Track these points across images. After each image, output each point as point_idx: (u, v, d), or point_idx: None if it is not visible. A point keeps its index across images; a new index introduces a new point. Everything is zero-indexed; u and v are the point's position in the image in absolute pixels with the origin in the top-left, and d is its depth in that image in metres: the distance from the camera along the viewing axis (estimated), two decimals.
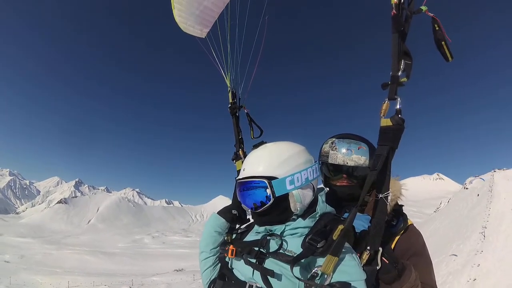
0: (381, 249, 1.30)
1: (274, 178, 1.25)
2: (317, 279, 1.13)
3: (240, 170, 1.70)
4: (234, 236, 1.52)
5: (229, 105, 2.16)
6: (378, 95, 1.34)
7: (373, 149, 1.58)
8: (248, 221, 1.61)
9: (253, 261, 1.26)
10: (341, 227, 1.15)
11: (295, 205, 1.28)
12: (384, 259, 1.30)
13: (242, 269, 1.33)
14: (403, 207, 1.56)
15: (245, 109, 2.13)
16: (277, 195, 1.24)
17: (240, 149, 2.02)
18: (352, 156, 1.57)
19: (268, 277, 1.19)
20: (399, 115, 1.28)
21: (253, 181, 1.28)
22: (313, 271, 1.13)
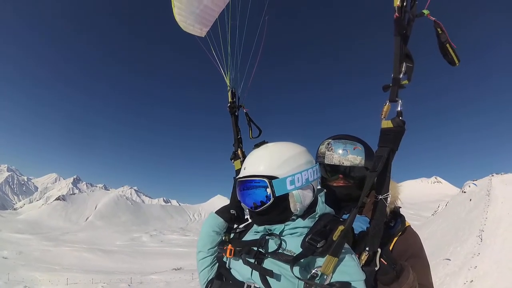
0: (379, 250, 1.31)
1: (274, 177, 1.25)
2: (317, 279, 1.13)
3: (238, 169, 1.69)
4: (232, 235, 1.52)
5: (229, 104, 2.16)
6: (378, 97, 1.34)
7: (368, 150, 1.60)
8: (246, 221, 1.60)
9: (252, 261, 1.26)
10: (341, 227, 1.15)
11: (295, 206, 1.28)
12: (382, 260, 1.30)
13: (240, 269, 1.32)
14: (400, 208, 1.57)
15: (244, 109, 2.13)
16: (277, 195, 1.24)
17: (238, 149, 2.01)
18: (348, 156, 1.58)
19: (267, 277, 1.18)
20: (400, 117, 1.28)
21: (254, 180, 1.29)
22: (313, 271, 1.13)
